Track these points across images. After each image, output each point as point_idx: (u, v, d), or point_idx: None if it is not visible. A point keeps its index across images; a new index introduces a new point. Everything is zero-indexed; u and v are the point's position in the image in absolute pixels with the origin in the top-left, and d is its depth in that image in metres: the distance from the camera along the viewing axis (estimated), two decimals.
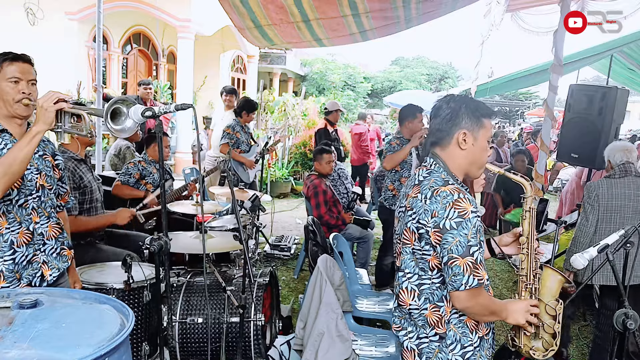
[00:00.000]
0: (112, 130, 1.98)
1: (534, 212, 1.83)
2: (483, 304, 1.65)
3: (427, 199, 1.66)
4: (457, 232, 1.59)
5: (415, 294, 1.73)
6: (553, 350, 1.78)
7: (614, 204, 3.37)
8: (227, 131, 5.77)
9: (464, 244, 1.59)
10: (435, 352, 1.71)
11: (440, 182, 1.69)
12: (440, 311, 1.70)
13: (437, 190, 1.65)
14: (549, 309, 1.78)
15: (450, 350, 1.70)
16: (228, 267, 3.52)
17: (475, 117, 1.74)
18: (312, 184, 4.83)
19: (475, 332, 1.73)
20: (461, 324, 1.71)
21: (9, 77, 2.00)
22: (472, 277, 1.59)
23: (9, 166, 1.87)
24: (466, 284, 1.59)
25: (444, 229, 1.61)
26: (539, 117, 21.94)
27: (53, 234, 2.18)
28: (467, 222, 1.60)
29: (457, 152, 1.76)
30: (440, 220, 1.61)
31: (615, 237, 2.14)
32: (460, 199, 1.62)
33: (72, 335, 1.36)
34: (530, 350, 1.79)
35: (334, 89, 21.47)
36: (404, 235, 1.76)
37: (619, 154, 3.55)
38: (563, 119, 5.22)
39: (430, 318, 1.71)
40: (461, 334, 1.71)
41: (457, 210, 1.60)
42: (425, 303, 1.72)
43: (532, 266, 1.81)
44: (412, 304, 1.74)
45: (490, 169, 1.90)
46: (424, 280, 1.72)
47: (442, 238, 1.62)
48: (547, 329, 1.77)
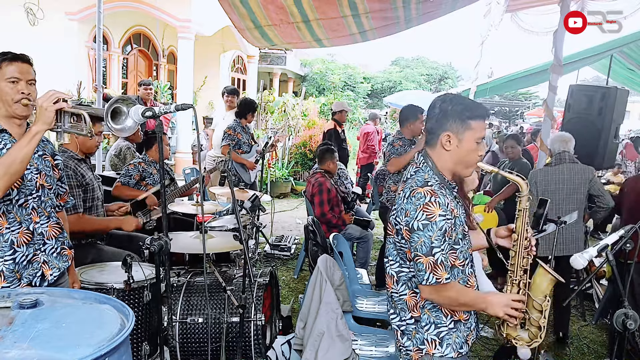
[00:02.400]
0: (112, 130, 1.98)
1: (527, 211, 1.85)
2: (449, 297, 1.76)
3: (405, 198, 1.78)
4: (422, 233, 1.71)
5: (394, 280, 1.89)
6: (537, 342, 1.84)
7: (550, 189, 3.86)
8: (228, 132, 5.77)
9: (427, 244, 1.71)
10: (413, 333, 1.86)
11: (420, 182, 1.79)
12: (417, 297, 1.84)
13: (414, 191, 1.76)
14: (536, 304, 1.84)
15: (425, 331, 1.84)
16: (228, 267, 3.52)
17: (461, 119, 1.78)
18: (317, 181, 4.84)
19: (451, 316, 1.84)
20: (435, 309, 1.83)
21: (8, 77, 2.00)
22: (431, 275, 1.72)
23: (8, 166, 1.88)
24: (427, 280, 1.73)
25: (412, 228, 1.74)
26: (538, 117, 21.93)
27: (53, 233, 2.18)
28: (432, 225, 1.71)
29: (443, 153, 1.83)
30: (410, 221, 1.74)
31: (615, 237, 2.14)
32: (430, 203, 1.72)
33: (72, 335, 1.36)
34: (514, 339, 1.87)
35: (334, 89, 21.48)
36: (389, 226, 1.90)
37: (557, 144, 4.03)
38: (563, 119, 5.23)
39: (409, 302, 1.86)
40: (435, 317, 1.83)
41: (425, 213, 1.72)
42: (404, 289, 1.86)
43: (520, 262, 1.85)
44: (393, 288, 1.90)
45: (482, 168, 1.91)
46: (403, 269, 1.86)
47: (410, 236, 1.75)
48: (534, 322, 1.84)
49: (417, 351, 1.84)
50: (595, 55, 7.80)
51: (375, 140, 9.91)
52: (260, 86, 11.37)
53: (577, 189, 3.86)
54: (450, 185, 1.85)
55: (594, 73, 15.79)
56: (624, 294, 2.05)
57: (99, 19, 6.31)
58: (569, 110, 4.90)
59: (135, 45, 12.76)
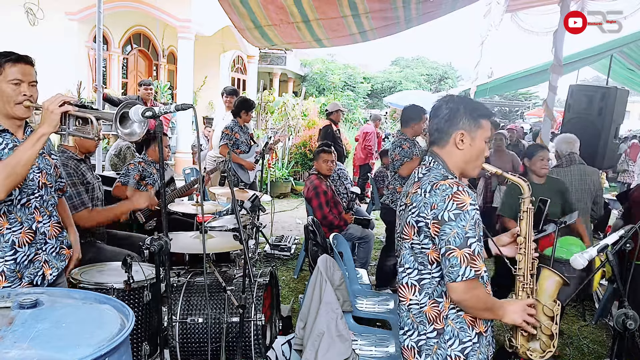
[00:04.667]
0: (122, 135, 1.98)
1: (532, 212, 1.83)
2: (479, 298, 1.66)
3: (427, 193, 1.69)
4: (455, 223, 1.62)
5: (416, 289, 1.75)
6: (550, 352, 1.78)
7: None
8: (225, 132, 5.77)
9: (461, 235, 1.61)
10: (434, 348, 1.72)
11: (439, 176, 1.73)
12: (439, 307, 1.72)
13: (437, 184, 1.69)
14: (547, 309, 1.78)
15: (449, 346, 1.71)
16: (228, 267, 3.52)
17: (473, 117, 1.77)
18: (313, 184, 4.83)
19: (473, 328, 1.73)
20: (459, 319, 1.72)
21: (11, 79, 2.00)
22: (469, 269, 1.61)
23: (13, 167, 1.88)
24: (463, 275, 1.61)
25: (442, 220, 1.63)
26: (538, 117, 21.93)
27: (54, 233, 2.19)
28: (465, 214, 1.62)
29: (455, 152, 1.80)
30: (439, 212, 1.64)
31: (615, 237, 2.14)
32: (459, 192, 1.64)
33: (72, 335, 1.36)
34: (528, 351, 1.78)
35: (334, 90, 21.48)
36: (404, 232, 1.79)
37: (564, 145, 4.13)
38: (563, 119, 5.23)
39: (429, 314, 1.73)
40: (459, 329, 1.71)
41: (455, 202, 1.63)
42: (425, 298, 1.74)
43: (529, 266, 1.81)
44: (412, 299, 1.76)
45: (486, 169, 1.90)
46: (424, 275, 1.74)
47: (440, 229, 1.64)
48: (545, 330, 1.77)
49: None
50: (595, 55, 7.81)
51: (373, 140, 9.91)
52: (260, 86, 11.37)
53: (587, 190, 3.96)
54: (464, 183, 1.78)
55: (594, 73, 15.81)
56: (624, 294, 2.05)
57: (99, 19, 6.31)
58: (569, 110, 4.90)
59: (135, 45, 12.76)
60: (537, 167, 3.90)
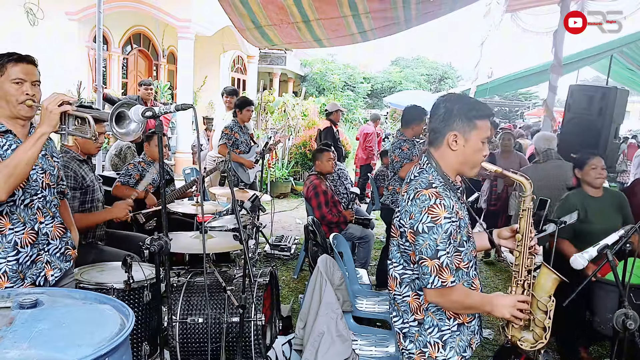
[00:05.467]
0: (117, 134, 1.98)
1: (531, 211, 1.84)
2: (454, 301, 1.74)
3: (410, 200, 1.76)
4: (427, 235, 1.69)
5: (398, 282, 1.87)
6: (542, 343, 1.82)
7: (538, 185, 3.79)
8: (225, 132, 5.76)
9: (432, 247, 1.69)
10: (416, 335, 1.83)
11: (424, 184, 1.76)
12: (420, 299, 1.81)
13: (419, 193, 1.73)
14: (541, 305, 1.81)
15: (428, 334, 1.81)
16: (228, 267, 3.52)
17: (468, 118, 1.77)
18: (312, 184, 4.84)
19: (455, 319, 1.81)
20: (439, 311, 1.81)
21: (13, 79, 1.99)
22: (437, 279, 1.69)
23: (14, 168, 1.88)
24: (432, 284, 1.70)
25: (417, 231, 1.71)
26: (538, 117, 21.93)
27: (57, 233, 2.18)
28: (438, 228, 1.68)
29: (448, 153, 1.81)
30: (415, 223, 1.71)
31: (615, 237, 2.14)
32: (435, 205, 1.69)
33: (72, 335, 1.36)
34: (519, 340, 1.84)
35: (334, 90, 21.47)
36: (392, 229, 1.89)
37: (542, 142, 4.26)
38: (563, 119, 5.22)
39: (411, 304, 1.84)
40: (438, 319, 1.81)
41: (430, 215, 1.69)
42: (407, 290, 1.85)
43: (525, 263, 1.83)
44: (396, 290, 1.88)
45: (487, 168, 1.90)
46: (407, 271, 1.84)
47: (415, 239, 1.72)
48: (538, 322, 1.81)
49: (420, 354, 1.81)
50: (595, 55, 7.81)
51: (374, 141, 9.91)
52: (260, 86, 11.37)
53: (562, 183, 4.04)
54: (455, 186, 1.82)
55: (594, 73, 15.80)
56: (624, 294, 2.05)
57: (99, 19, 6.31)
58: (569, 110, 4.90)
59: (135, 45, 12.76)
60: (591, 177, 3.47)
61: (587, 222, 3.39)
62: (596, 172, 3.44)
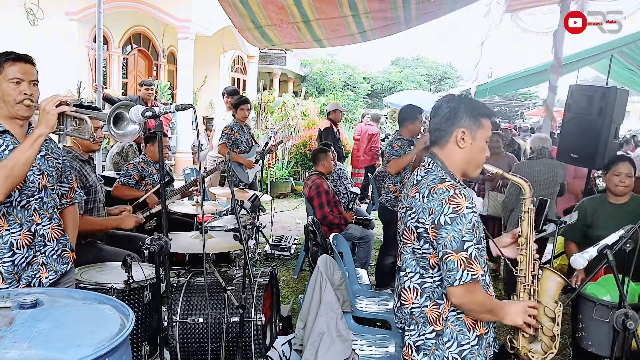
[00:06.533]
0: (114, 135, 1.97)
1: (533, 213, 1.83)
2: (479, 301, 1.66)
3: (425, 198, 1.69)
4: (451, 227, 1.61)
5: (418, 293, 1.75)
6: (552, 353, 1.76)
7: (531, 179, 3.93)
8: (225, 131, 5.75)
9: (457, 239, 1.60)
10: (432, 349, 1.72)
11: (437, 180, 1.71)
12: (440, 309, 1.72)
13: (434, 188, 1.68)
14: (548, 311, 1.77)
15: (447, 348, 1.71)
16: (228, 267, 3.52)
17: (474, 116, 1.76)
18: (314, 183, 4.84)
19: (473, 330, 1.73)
20: (459, 321, 1.72)
21: (11, 78, 1.99)
22: (465, 273, 1.60)
23: (11, 169, 1.88)
24: (460, 279, 1.60)
25: (439, 224, 1.63)
26: (538, 117, 21.93)
27: (54, 235, 2.17)
28: (461, 218, 1.62)
29: (456, 151, 1.78)
30: (437, 217, 1.64)
31: (615, 237, 2.14)
32: (455, 195, 1.64)
33: (72, 335, 1.36)
34: (529, 352, 1.77)
35: (334, 90, 21.45)
36: (404, 235, 1.78)
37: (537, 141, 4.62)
38: (563, 119, 5.22)
39: (429, 315, 1.73)
40: (458, 332, 1.71)
41: (452, 205, 1.63)
42: (426, 301, 1.74)
43: (530, 267, 1.80)
44: (415, 302, 1.76)
45: (488, 170, 1.90)
46: (426, 279, 1.74)
47: (438, 233, 1.64)
48: (546, 331, 1.76)
49: None
50: (595, 55, 7.81)
51: (379, 142, 9.88)
52: (260, 86, 11.36)
53: (553, 180, 4.40)
54: (462, 185, 1.76)
55: (594, 73, 15.78)
56: (623, 294, 2.05)
57: (99, 19, 6.31)
58: (569, 110, 4.89)
59: (135, 45, 12.75)
60: (611, 184, 3.24)
61: (595, 227, 3.28)
62: (619, 179, 3.21)
